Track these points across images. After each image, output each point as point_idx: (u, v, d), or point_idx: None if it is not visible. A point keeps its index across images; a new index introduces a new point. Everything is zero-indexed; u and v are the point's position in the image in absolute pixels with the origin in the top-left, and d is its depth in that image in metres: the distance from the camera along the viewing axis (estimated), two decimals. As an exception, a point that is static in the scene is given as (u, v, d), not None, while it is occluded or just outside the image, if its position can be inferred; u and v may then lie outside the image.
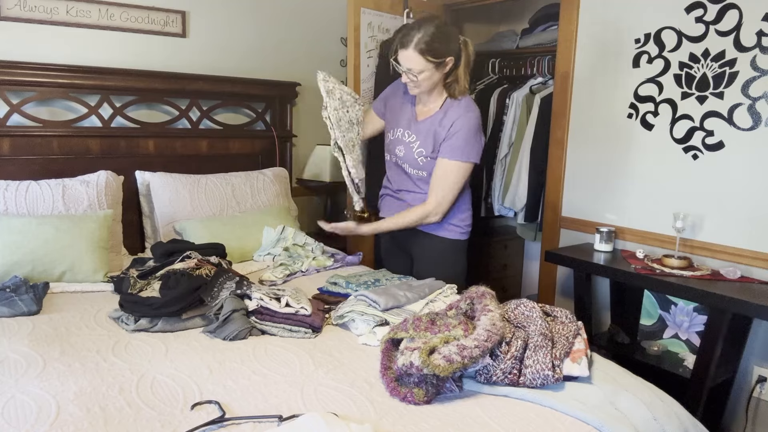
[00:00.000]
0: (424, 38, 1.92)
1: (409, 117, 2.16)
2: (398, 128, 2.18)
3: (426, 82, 2.00)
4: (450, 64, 2.00)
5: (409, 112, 2.17)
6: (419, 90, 2.05)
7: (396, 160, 2.21)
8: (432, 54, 1.93)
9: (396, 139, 2.18)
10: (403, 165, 2.19)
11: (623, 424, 1.29)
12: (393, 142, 2.20)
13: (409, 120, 2.16)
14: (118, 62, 2.65)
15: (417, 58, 1.93)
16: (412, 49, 1.93)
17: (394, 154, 2.21)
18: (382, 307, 1.74)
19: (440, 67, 1.98)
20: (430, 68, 1.96)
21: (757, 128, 2.26)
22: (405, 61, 1.96)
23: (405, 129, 2.16)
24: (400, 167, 2.21)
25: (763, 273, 2.28)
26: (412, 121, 2.15)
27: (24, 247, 2.04)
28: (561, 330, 1.58)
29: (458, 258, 2.22)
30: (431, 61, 1.95)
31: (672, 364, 2.40)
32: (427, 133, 2.09)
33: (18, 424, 1.19)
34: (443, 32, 1.95)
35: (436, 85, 2.05)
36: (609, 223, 2.76)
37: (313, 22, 3.27)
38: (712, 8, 2.34)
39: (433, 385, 1.36)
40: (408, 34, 1.94)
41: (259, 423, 1.23)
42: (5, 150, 2.38)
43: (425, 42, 1.92)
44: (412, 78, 2.00)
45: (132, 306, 1.75)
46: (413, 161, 2.13)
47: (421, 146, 2.10)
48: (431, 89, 2.07)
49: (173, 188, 2.60)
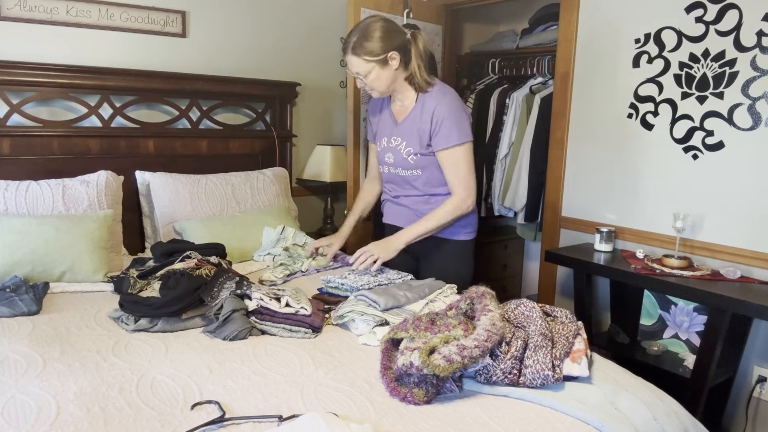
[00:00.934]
0: (358, 41, 1.98)
1: (390, 123, 2.18)
2: (383, 138, 2.20)
3: (377, 81, 2.03)
4: (396, 59, 2.00)
5: (389, 119, 2.19)
6: (378, 91, 2.07)
7: (388, 169, 2.21)
8: (368, 53, 1.98)
9: (383, 149, 2.20)
10: (396, 171, 2.18)
11: (623, 424, 1.29)
12: (381, 153, 2.21)
13: (391, 126, 2.17)
14: (118, 62, 2.66)
15: (356, 60, 2.00)
16: (350, 53, 2.00)
17: (385, 164, 2.21)
18: (382, 307, 1.74)
19: (384, 64, 2.00)
20: (372, 67, 2.00)
21: (757, 128, 2.26)
22: (350, 65, 2.04)
23: (389, 136, 2.17)
24: (394, 174, 2.20)
25: (763, 273, 2.28)
26: (393, 126, 2.16)
27: (24, 247, 2.04)
28: (561, 330, 1.58)
29: (465, 258, 2.21)
30: (370, 61, 1.98)
31: (672, 364, 2.40)
32: (410, 131, 2.09)
33: (18, 424, 1.19)
34: (378, 30, 1.98)
35: (392, 82, 2.05)
36: (609, 223, 2.76)
37: (313, 22, 3.27)
38: (712, 8, 2.34)
39: (433, 385, 1.36)
40: (346, 41, 2.02)
41: (259, 423, 1.22)
42: (5, 150, 2.38)
43: (358, 44, 1.98)
44: (362, 81, 2.05)
45: (132, 306, 1.75)
46: (404, 162, 2.13)
47: (408, 146, 2.10)
48: (390, 86, 2.07)
49: (173, 188, 2.60)
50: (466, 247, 2.21)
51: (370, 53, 1.98)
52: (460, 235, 2.18)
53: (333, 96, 3.41)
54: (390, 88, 2.08)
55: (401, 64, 2.02)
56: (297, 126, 3.27)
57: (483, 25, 4.07)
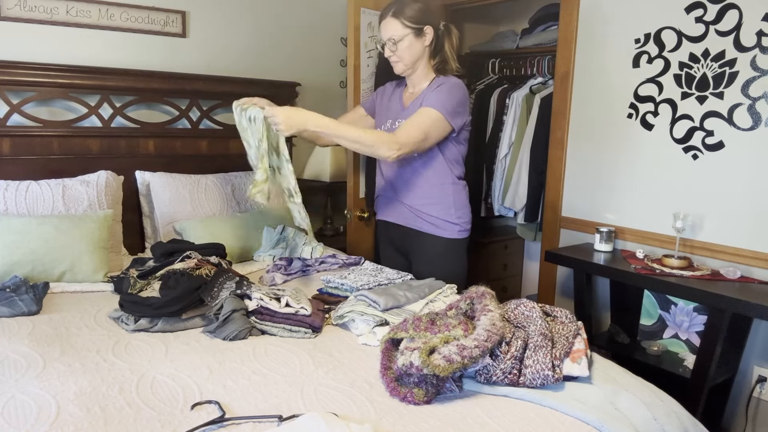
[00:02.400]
0: (401, 5, 2.01)
1: (398, 108, 2.18)
2: (387, 120, 2.19)
3: (407, 51, 2.03)
4: (429, 35, 2.03)
5: (398, 104, 2.19)
6: (402, 64, 2.07)
7: None
8: (408, 18, 2.00)
9: (387, 130, 2.16)
10: None
11: (623, 424, 1.29)
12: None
13: (397, 110, 2.17)
14: (118, 62, 2.66)
15: (394, 22, 2.01)
16: (389, 16, 2.02)
17: None
18: (382, 307, 1.74)
19: (419, 35, 2.02)
20: (408, 35, 2.01)
21: (757, 128, 2.26)
22: (384, 30, 2.03)
23: (394, 119, 2.16)
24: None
25: (763, 273, 2.28)
26: (399, 110, 2.16)
27: (24, 247, 2.04)
28: (561, 330, 1.58)
29: (457, 257, 2.18)
30: (408, 26, 2.00)
31: (672, 364, 2.40)
32: (414, 111, 2.06)
33: (18, 424, 1.19)
34: (421, 2, 2.02)
35: (419, 58, 2.06)
36: (609, 223, 2.76)
37: (313, 22, 3.27)
38: (712, 8, 2.34)
39: (433, 385, 1.36)
40: (387, 7, 2.03)
41: (259, 423, 1.23)
42: (5, 150, 2.38)
43: (400, 8, 2.00)
44: (392, 49, 2.04)
45: (132, 306, 1.75)
46: None
47: None
48: (415, 64, 2.07)
49: (173, 188, 2.60)
50: (459, 245, 2.17)
51: (409, 18, 2.00)
52: (452, 234, 2.15)
53: (333, 96, 3.41)
54: (414, 66, 2.08)
55: (430, 46, 2.05)
56: (297, 126, 3.27)
57: (483, 25, 4.07)
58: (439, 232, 2.15)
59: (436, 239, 2.16)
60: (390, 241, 2.32)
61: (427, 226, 2.16)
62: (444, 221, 2.14)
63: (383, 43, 2.08)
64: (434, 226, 2.15)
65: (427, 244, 2.17)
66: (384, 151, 1.93)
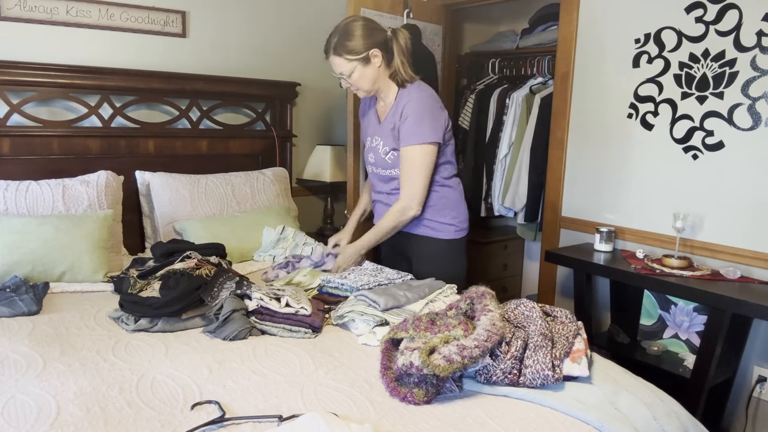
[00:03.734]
0: (339, 41, 1.99)
1: (374, 123, 2.19)
2: (367, 137, 2.23)
3: (361, 80, 2.03)
4: (377, 57, 2.01)
5: (374, 118, 2.20)
6: (363, 90, 2.08)
7: (371, 169, 2.23)
8: (349, 52, 1.99)
9: (367, 149, 2.23)
10: (377, 171, 2.19)
11: (623, 424, 1.29)
12: (366, 153, 2.25)
13: (374, 126, 2.18)
14: (118, 62, 2.66)
15: (338, 60, 2.01)
16: (332, 54, 2.02)
17: (369, 164, 2.24)
18: (382, 307, 1.74)
19: (366, 62, 2.01)
20: (355, 66, 2.01)
21: (757, 128, 2.26)
22: (333, 67, 2.05)
23: (372, 135, 2.19)
24: (376, 173, 2.21)
25: (763, 273, 2.28)
26: (376, 126, 2.17)
27: (24, 247, 2.04)
28: (561, 330, 1.58)
29: (456, 258, 2.19)
30: (352, 60, 1.99)
31: (672, 364, 2.40)
32: (387, 129, 2.09)
33: (18, 424, 1.19)
34: (358, 29, 1.99)
35: (376, 80, 2.06)
36: (609, 223, 2.76)
37: (313, 22, 3.27)
38: (712, 8, 2.34)
39: (433, 385, 1.36)
40: (327, 42, 2.03)
41: (259, 423, 1.23)
42: (5, 150, 2.38)
43: (339, 44, 1.99)
44: (346, 81, 2.05)
45: (132, 306, 1.75)
46: (382, 162, 2.14)
47: (385, 144, 2.11)
48: (375, 85, 2.07)
49: (173, 188, 2.60)
50: (457, 245, 2.18)
51: (351, 52, 1.99)
52: (450, 234, 2.16)
53: (333, 96, 3.41)
54: (375, 87, 2.08)
55: (383, 62, 2.03)
56: (297, 126, 3.27)
57: (483, 25, 4.07)
58: (436, 234, 2.15)
59: (433, 241, 2.16)
60: (389, 244, 2.32)
61: (423, 230, 2.16)
62: (439, 223, 2.14)
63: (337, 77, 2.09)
64: (430, 229, 2.15)
65: (425, 247, 2.18)
66: (408, 217, 2.07)
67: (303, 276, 2.19)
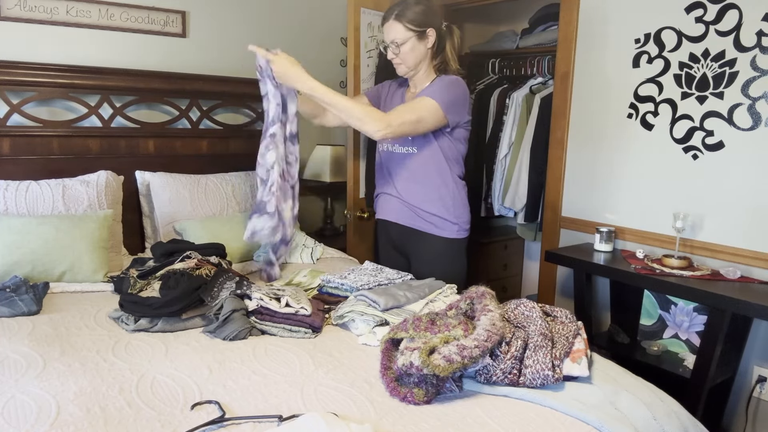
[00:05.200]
0: (402, 9, 2.02)
1: (398, 104, 2.16)
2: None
3: (410, 54, 2.04)
4: (432, 37, 2.04)
5: (400, 100, 2.20)
6: (405, 66, 2.08)
7: (386, 147, 2.21)
8: (410, 21, 2.01)
9: None
10: (393, 148, 2.18)
11: (623, 424, 1.29)
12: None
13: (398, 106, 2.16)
14: (118, 62, 2.65)
15: (397, 26, 2.02)
16: (392, 19, 2.02)
17: (384, 142, 2.20)
18: (382, 307, 1.74)
19: (422, 38, 2.03)
20: (411, 38, 2.02)
21: (757, 128, 2.26)
22: (387, 33, 2.04)
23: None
24: (390, 152, 2.20)
25: (763, 273, 2.28)
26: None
27: (24, 247, 2.04)
28: (561, 330, 1.58)
29: (456, 257, 2.19)
30: (411, 30, 2.01)
31: (672, 364, 2.40)
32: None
33: (18, 424, 1.19)
34: (423, 5, 2.03)
35: (421, 60, 2.07)
36: (609, 223, 2.76)
37: (313, 22, 3.27)
38: (712, 8, 2.34)
39: (433, 385, 1.36)
40: (389, 10, 2.05)
41: (259, 423, 1.23)
42: (5, 150, 2.38)
43: (402, 12, 2.01)
44: (395, 52, 2.05)
45: (132, 306, 1.75)
46: (403, 138, 2.10)
47: None
48: (418, 66, 2.08)
49: (173, 188, 2.60)
50: (458, 245, 2.18)
51: (412, 21, 2.01)
52: (452, 233, 2.16)
53: (333, 96, 3.40)
54: (417, 68, 2.09)
55: (432, 47, 2.06)
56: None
57: (483, 25, 4.07)
58: (438, 232, 2.15)
59: (435, 239, 2.16)
60: (389, 240, 2.32)
61: (426, 225, 2.16)
62: (443, 220, 2.15)
63: (386, 45, 2.08)
64: (433, 225, 2.15)
65: (426, 244, 2.18)
66: (371, 126, 1.92)
67: (303, 276, 2.20)
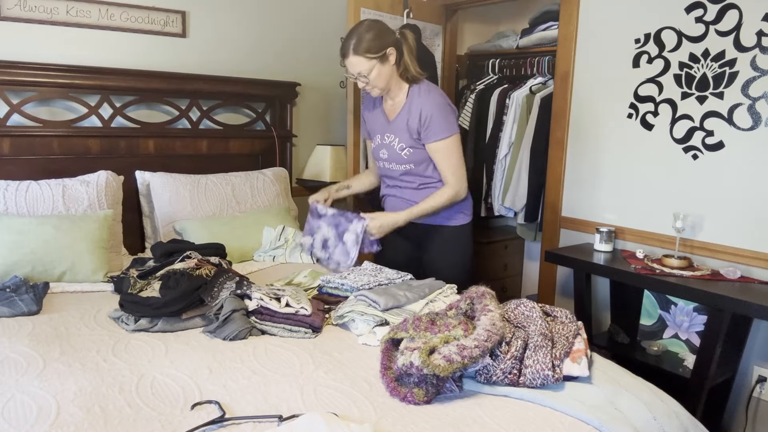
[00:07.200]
0: (357, 42, 2.08)
1: (382, 122, 2.28)
2: (376, 135, 2.30)
3: (379, 78, 2.12)
4: (392, 54, 2.12)
5: (381, 117, 2.29)
6: (378, 89, 2.16)
7: (383, 164, 2.32)
8: (369, 51, 2.07)
9: (377, 146, 2.30)
10: (390, 166, 2.28)
11: (623, 424, 1.29)
12: (376, 149, 2.32)
13: (383, 124, 2.27)
14: (118, 62, 2.65)
15: (358, 59, 2.09)
16: (351, 54, 2.09)
17: (380, 159, 2.32)
18: (382, 307, 1.74)
19: (384, 60, 2.10)
20: (374, 65, 2.09)
21: (757, 128, 2.26)
22: (350, 67, 2.12)
23: (382, 133, 2.27)
24: (388, 169, 2.31)
25: (763, 273, 2.28)
26: (385, 124, 2.26)
27: (24, 247, 2.04)
28: (561, 330, 1.58)
29: (467, 241, 2.34)
30: (372, 58, 2.08)
31: (672, 364, 2.40)
32: (401, 127, 2.19)
33: (18, 424, 1.19)
34: (374, 30, 2.09)
35: (390, 78, 2.15)
36: (609, 223, 2.76)
37: (313, 22, 3.27)
38: (712, 8, 2.34)
39: (433, 385, 1.36)
40: (345, 44, 2.11)
41: (259, 423, 1.23)
42: (5, 150, 2.38)
43: (358, 44, 2.07)
44: (364, 81, 2.13)
45: (132, 306, 1.75)
46: (398, 157, 2.23)
47: (401, 141, 2.21)
48: (388, 83, 2.16)
49: (173, 188, 2.60)
50: (464, 230, 2.33)
51: (370, 50, 2.07)
52: (457, 221, 2.29)
53: (333, 96, 3.40)
54: (389, 85, 2.17)
55: (397, 60, 2.13)
56: (297, 126, 3.27)
57: (483, 25, 4.07)
58: (447, 222, 2.29)
59: (446, 228, 2.29)
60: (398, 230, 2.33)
61: (438, 219, 2.28)
62: (449, 211, 2.27)
63: (354, 77, 2.16)
64: (443, 218, 2.28)
65: (438, 235, 2.30)
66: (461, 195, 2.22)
67: (303, 276, 2.20)
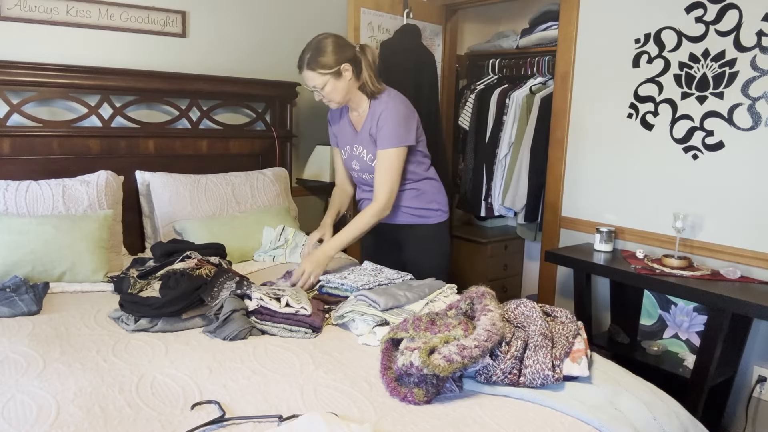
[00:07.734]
0: (311, 56, 2.09)
1: (350, 132, 2.30)
2: (346, 147, 2.33)
3: (333, 93, 2.15)
4: (348, 71, 2.13)
5: (349, 128, 2.31)
6: (335, 102, 2.19)
7: (356, 174, 2.35)
8: (323, 67, 2.09)
9: (348, 157, 2.33)
10: (362, 176, 2.32)
11: (623, 424, 1.29)
12: (348, 160, 2.35)
13: (351, 135, 2.30)
14: (118, 62, 2.65)
15: (312, 74, 2.10)
16: (305, 69, 2.11)
17: (353, 170, 2.35)
18: (382, 307, 1.74)
19: (338, 76, 2.12)
20: (328, 80, 2.12)
21: (757, 128, 2.26)
22: (306, 80, 2.15)
23: (351, 144, 2.30)
24: (361, 178, 2.34)
25: (763, 273, 2.28)
26: (354, 135, 2.29)
27: (24, 247, 2.04)
28: (561, 330, 1.58)
29: (443, 238, 2.36)
30: (325, 74, 2.10)
31: (672, 364, 2.40)
32: (368, 138, 2.22)
33: (18, 424, 1.19)
34: (329, 45, 2.11)
35: (347, 92, 2.17)
36: (609, 223, 2.76)
37: (313, 22, 3.26)
38: (712, 8, 2.34)
39: (433, 385, 1.36)
40: (300, 58, 2.12)
41: (259, 423, 1.23)
42: (5, 150, 2.38)
43: (312, 59, 2.09)
44: (320, 94, 2.16)
45: (132, 306, 1.75)
46: (368, 167, 2.26)
47: (369, 152, 2.24)
48: (346, 97, 2.19)
49: (173, 188, 2.60)
50: (443, 227, 2.36)
51: (323, 66, 2.09)
52: (437, 219, 2.32)
53: (333, 96, 3.40)
54: (346, 99, 2.20)
55: (354, 75, 2.14)
56: (297, 126, 3.27)
57: (483, 25, 4.07)
58: (424, 221, 2.32)
59: (422, 227, 2.32)
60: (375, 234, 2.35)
61: (413, 219, 2.31)
62: (427, 210, 2.31)
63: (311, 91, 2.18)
64: (420, 217, 2.31)
65: (415, 234, 2.32)
66: (380, 217, 2.19)
67: None
